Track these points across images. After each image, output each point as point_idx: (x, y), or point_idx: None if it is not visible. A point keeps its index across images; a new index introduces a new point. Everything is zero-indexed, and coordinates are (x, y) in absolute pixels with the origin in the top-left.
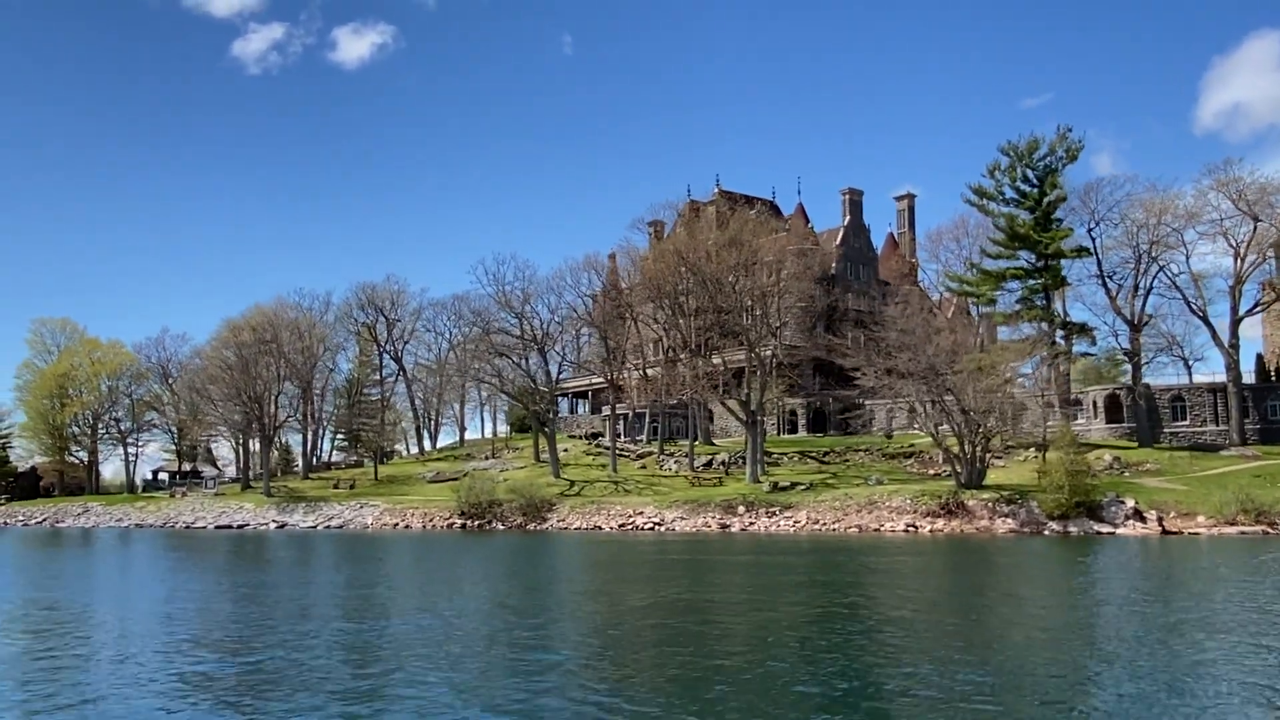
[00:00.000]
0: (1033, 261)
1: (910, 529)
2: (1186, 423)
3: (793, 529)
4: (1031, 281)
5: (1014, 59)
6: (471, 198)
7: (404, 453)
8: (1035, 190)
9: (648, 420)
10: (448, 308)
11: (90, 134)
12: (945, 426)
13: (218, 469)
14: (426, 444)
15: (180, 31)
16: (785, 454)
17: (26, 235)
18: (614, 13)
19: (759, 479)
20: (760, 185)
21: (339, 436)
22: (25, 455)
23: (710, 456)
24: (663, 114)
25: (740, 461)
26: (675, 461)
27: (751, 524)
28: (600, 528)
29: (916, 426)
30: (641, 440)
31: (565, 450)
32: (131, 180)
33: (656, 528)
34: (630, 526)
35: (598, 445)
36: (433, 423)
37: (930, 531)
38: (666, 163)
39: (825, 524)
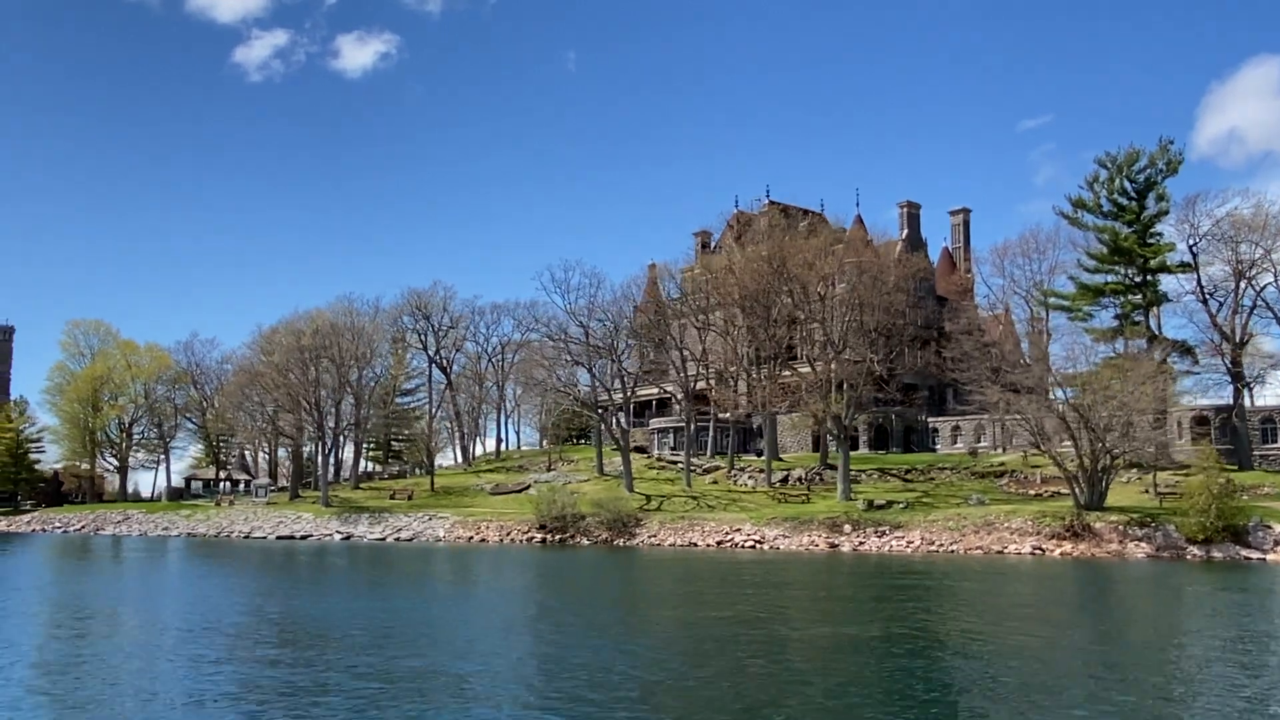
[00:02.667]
0: (1132, 277)
1: (1037, 552)
2: (1278, 445)
3: (908, 549)
4: (1132, 297)
5: (1013, 81)
6: (493, 208)
7: (441, 464)
8: (1134, 203)
9: (713, 434)
10: (486, 314)
11: (94, 138)
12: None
13: (252, 476)
14: (457, 456)
15: (183, 37)
16: (863, 471)
17: (42, 236)
18: (618, 28)
19: (851, 497)
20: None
21: (370, 446)
22: (50, 460)
23: (785, 472)
24: (674, 128)
25: (818, 478)
26: (750, 477)
27: (861, 544)
28: (695, 544)
29: (985, 443)
30: (704, 455)
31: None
32: (132, 183)
33: (757, 545)
34: (728, 544)
35: (659, 459)
36: (476, 433)
37: (1059, 554)
38: (681, 175)
39: (942, 545)
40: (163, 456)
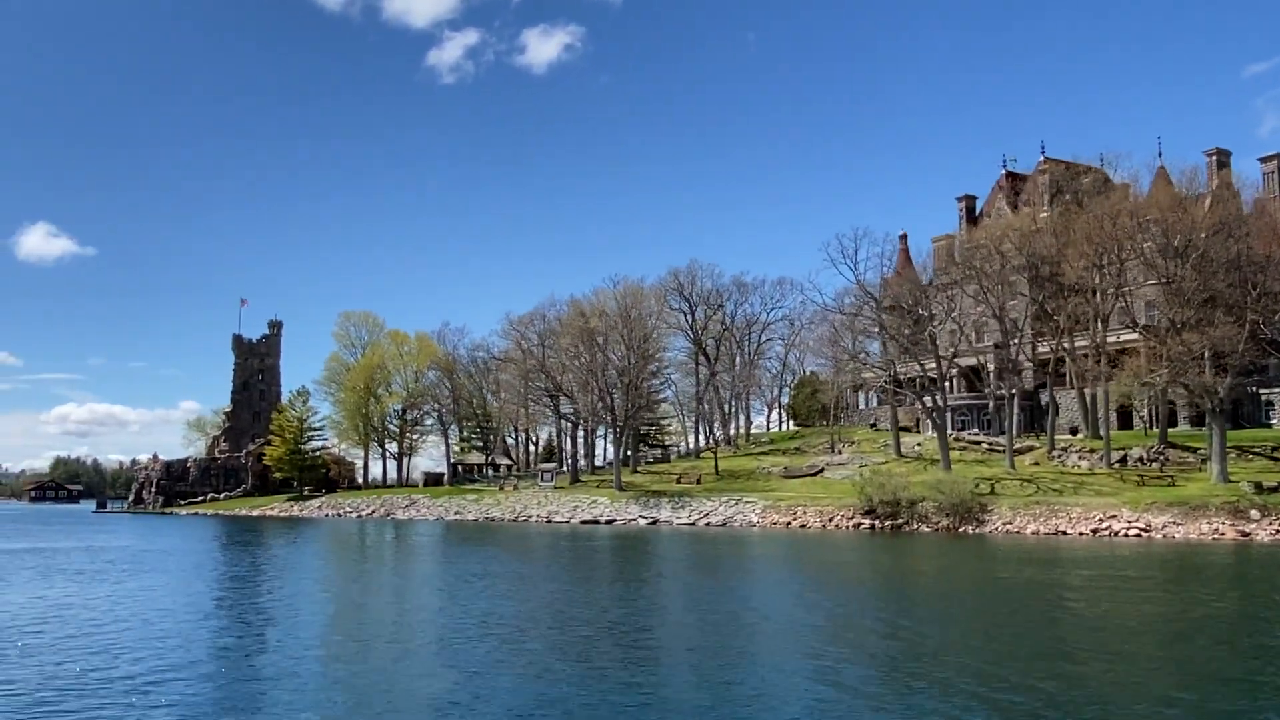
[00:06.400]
0: None
1: None
2: None
3: None
4: None
5: (1238, 22)
6: (713, 184)
7: (686, 446)
8: None
9: (1015, 411)
10: (734, 293)
11: (315, 148)
12: None
13: (513, 461)
14: (699, 438)
15: (381, 44)
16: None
17: (297, 239)
18: (790, 4)
19: (1229, 478)
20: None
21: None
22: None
23: (1122, 452)
24: (868, 103)
25: (1162, 458)
26: (1080, 457)
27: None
28: (1064, 532)
29: None
30: (976, 432)
31: (919, 445)
32: (357, 186)
33: (1143, 534)
34: (1104, 531)
35: (956, 439)
36: (735, 415)
37: None
38: (894, 148)
39: None
40: (440, 441)
